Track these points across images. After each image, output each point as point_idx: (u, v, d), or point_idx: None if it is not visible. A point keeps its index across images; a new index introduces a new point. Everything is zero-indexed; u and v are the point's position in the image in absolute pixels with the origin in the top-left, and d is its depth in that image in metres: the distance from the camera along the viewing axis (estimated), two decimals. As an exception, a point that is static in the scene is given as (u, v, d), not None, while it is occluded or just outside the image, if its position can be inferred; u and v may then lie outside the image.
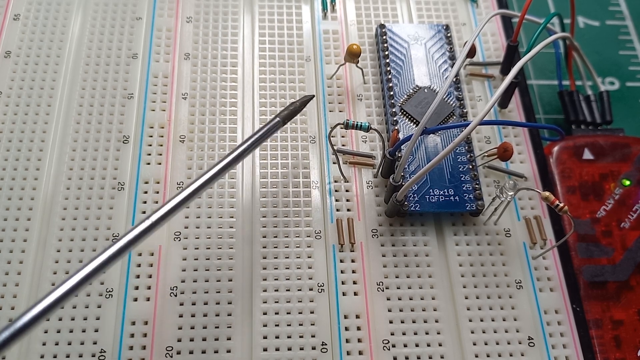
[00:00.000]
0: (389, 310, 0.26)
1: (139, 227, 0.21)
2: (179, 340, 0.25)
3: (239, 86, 0.31)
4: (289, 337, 0.25)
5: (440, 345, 0.26)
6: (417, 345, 0.26)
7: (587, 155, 0.31)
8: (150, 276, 0.26)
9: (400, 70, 0.31)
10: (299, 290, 0.26)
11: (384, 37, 0.32)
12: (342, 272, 0.27)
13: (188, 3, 0.34)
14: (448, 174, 0.28)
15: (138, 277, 0.26)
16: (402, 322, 0.26)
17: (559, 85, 0.35)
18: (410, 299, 0.26)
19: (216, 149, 0.29)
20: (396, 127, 0.29)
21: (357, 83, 0.32)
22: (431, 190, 0.28)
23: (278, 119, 0.26)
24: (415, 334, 0.26)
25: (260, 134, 0.25)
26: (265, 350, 0.25)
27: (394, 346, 0.26)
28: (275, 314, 0.26)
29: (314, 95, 0.29)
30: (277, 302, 0.26)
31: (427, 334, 0.26)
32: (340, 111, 0.31)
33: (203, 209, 0.28)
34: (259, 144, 0.25)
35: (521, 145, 0.31)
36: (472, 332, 0.26)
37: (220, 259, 0.27)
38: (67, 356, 0.24)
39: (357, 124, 0.27)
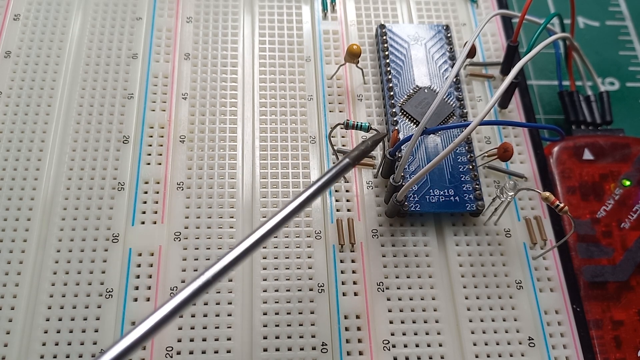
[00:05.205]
0: (389, 311, 0.26)
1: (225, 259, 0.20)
2: (179, 341, 0.25)
3: (239, 86, 0.31)
4: (289, 337, 0.25)
5: (440, 345, 0.26)
6: (417, 346, 0.26)
7: (587, 155, 0.31)
8: (150, 276, 0.26)
9: (401, 71, 0.31)
10: (299, 290, 0.26)
11: (384, 38, 0.32)
12: (342, 272, 0.27)
13: (188, 3, 0.34)
14: (448, 174, 0.28)
15: (138, 277, 0.26)
16: (402, 322, 0.26)
17: (559, 86, 0.35)
18: (411, 299, 0.26)
19: (216, 149, 0.29)
20: (396, 127, 0.29)
21: (357, 83, 0.32)
22: (431, 190, 0.28)
23: (348, 160, 0.23)
24: (416, 334, 0.26)
25: (329, 176, 0.23)
26: (265, 350, 0.25)
27: (394, 346, 0.26)
28: (275, 314, 0.26)
29: (386, 134, 0.27)
30: (277, 302, 0.26)
31: (427, 334, 0.26)
32: (340, 111, 0.31)
33: (203, 209, 0.28)
34: (327, 187, 0.23)
35: (521, 146, 0.31)
36: (473, 333, 0.26)
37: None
38: (67, 356, 0.24)
39: (357, 124, 0.27)
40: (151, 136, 0.30)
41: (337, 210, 0.28)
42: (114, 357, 0.18)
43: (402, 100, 0.30)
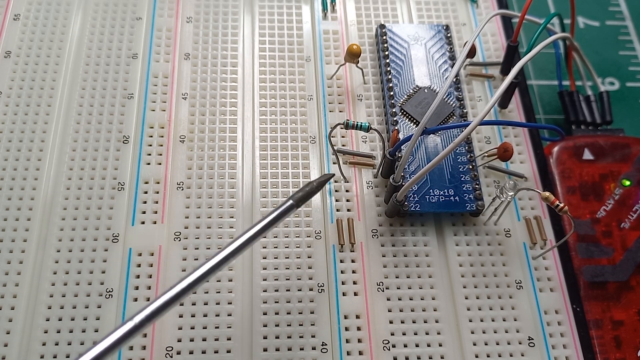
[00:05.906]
0: (389, 311, 0.26)
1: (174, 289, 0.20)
2: (179, 341, 0.25)
3: (239, 86, 0.31)
4: (289, 337, 0.25)
5: (440, 345, 0.26)
6: (417, 346, 0.26)
7: (587, 155, 0.31)
8: (150, 276, 0.26)
9: (400, 71, 0.31)
10: (299, 290, 0.26)
11: (384, 37, 0.32)
12: (342, 272, 0.27)
13: (188, 3, 0.34)
14: (448, 174, 0.28)
15: (138, 277, 0.26)
16: (402, 322, 0.26)
17: (559, 86, 0.35)
18: (410, 299, 0.26)
19: (216, 149, 0.29)
20: (396, 127, 0.29)
21: (357, 83, 0.32)
22: (431, 190, 0.28)
23: (291, 201, 0.22)
24: (416, 334, 0.26)
25: (272, 217, 0.22)
26: (265, 350, 0.25)
27: (394, 346, 0.26)
28: (275, 314, 0.26)
29: (333, 174, 0.26)
30: (277, 302, 0.26)
31: (427, 334, 0.26)
32: (340, 111, 0.31)
33: (203, 209, 0.28)
34: (269, 228, 0.22)
35: (521, 146, 0.31)
36: (472, 332, 0.26)
37: (220, 259, 0.27)
38: (67, 356, 0.24)
39: (357, 124, 0.27)
40: (151, 136, 0.30)
41: (337, 210, 0.28)
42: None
43: (402, 100, 0.30)
